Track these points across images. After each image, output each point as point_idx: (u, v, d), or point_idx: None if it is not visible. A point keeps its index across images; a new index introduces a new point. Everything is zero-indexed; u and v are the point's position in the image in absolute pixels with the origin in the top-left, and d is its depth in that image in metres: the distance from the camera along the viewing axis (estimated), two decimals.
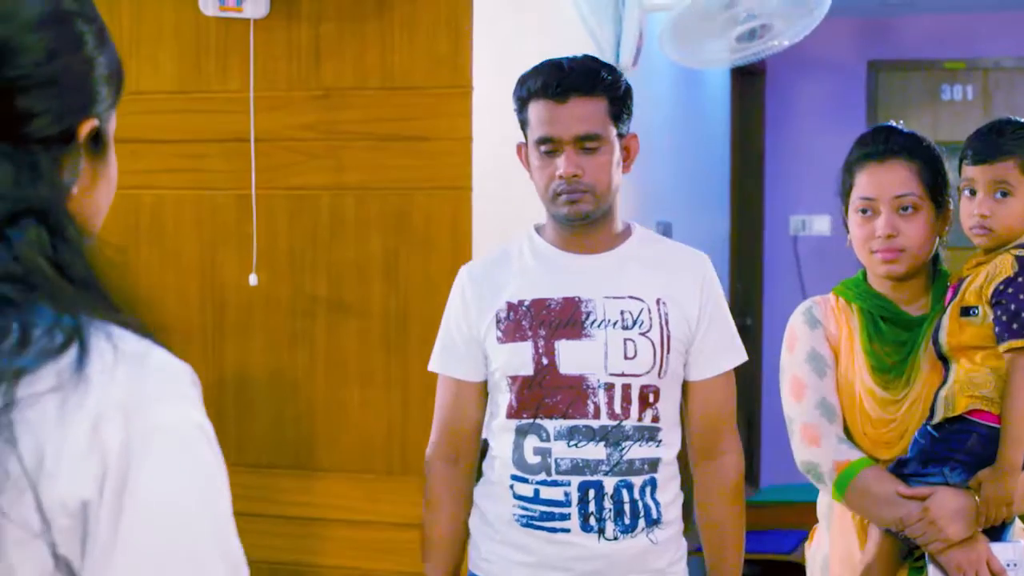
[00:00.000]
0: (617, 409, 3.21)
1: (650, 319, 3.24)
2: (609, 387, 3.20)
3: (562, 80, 3.20)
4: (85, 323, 1.40)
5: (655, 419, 3.24)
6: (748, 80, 9.17)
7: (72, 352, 1.37)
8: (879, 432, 3.28)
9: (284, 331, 4.31)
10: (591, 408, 3.20)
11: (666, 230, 6.53)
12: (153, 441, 1.38)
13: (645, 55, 5.59)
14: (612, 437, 3.20)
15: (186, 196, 4.39)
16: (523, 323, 3.25)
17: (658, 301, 3.25)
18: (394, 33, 4.19)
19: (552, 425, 3.21)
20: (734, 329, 3.39)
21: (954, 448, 3.14)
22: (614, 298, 3.24)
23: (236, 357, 4.36)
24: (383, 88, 4.20)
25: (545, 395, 3.22)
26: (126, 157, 4.31)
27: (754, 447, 8.39)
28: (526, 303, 3.26)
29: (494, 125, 4.20)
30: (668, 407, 3.28)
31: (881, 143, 3.33)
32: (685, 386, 3.34)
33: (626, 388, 3.21)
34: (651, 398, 3.23)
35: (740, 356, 3.39)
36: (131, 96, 4.35)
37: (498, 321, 3.28)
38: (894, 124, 3.42)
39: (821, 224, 9.13)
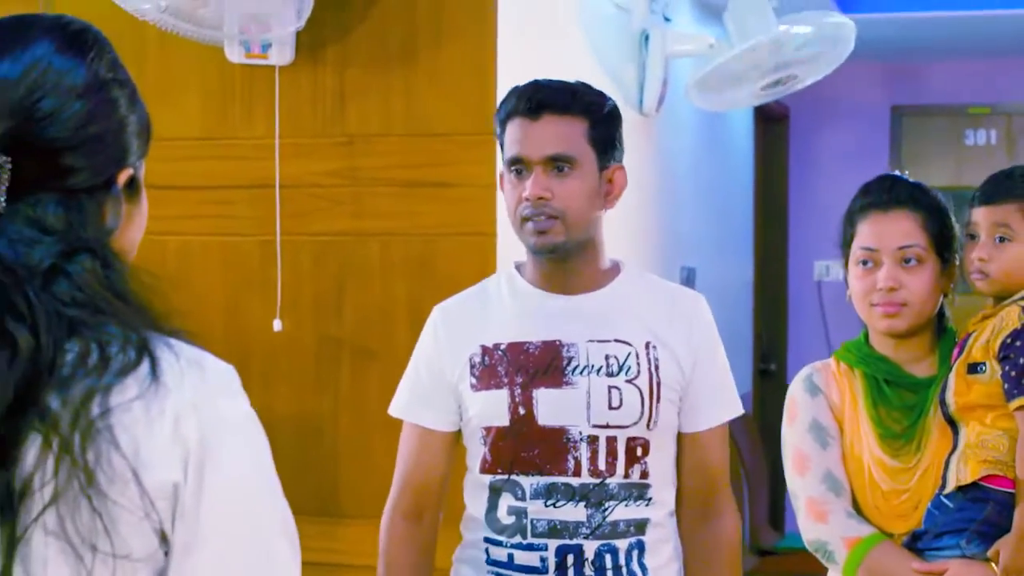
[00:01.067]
0: (600, 465, 2.92)
1: (638, 365, 2.95)
2: (592, 440, 2.92)
3: (535, 96, 2.96)
4: (148, 338, 1.69)
5: (644, 475, 2.96)
6: (772, 125, 9.17)
7: (145, 364, 1.66)
8: (891, 504, 3.09)
9: (308, 377, 4.31)
10: (571, 464, 2.91)
11: (690, 275, 6.53)
12: (222, 430, 1.71)
13: (669, 100, 5.61)
14: (594, 497, 2.91)
15: (211, 242, 4.40)
16: (499, 369, 2.97)
17: (647, 345, 2.97)
18: (419, 80, 4.20)
19: (528, 482, 2.93)
20: (731, 379, 3.14)
21: (970, 518, 2.96)
22: (599, 342, 2.96)
23: (260, 402, 4.31)
24: (408, 135, 4.22)
25: (521, 448, 2.94)
26: (152, 203, 4.31)
27: (778, 493, 8.36)
28: (502, 347, 2.98)
29: None
30: (660, 462, 2.99)
31: (885, 192, 3.18)
32: (678, 439, 3.05)
33: (611, 441, 2.93)
34: (639, 452, 2.95)
35: (736, 408, 3.14)
36: (157, 143, 4.32)
37: (472, 366, 3.01)
38: (899, 173, 3.30)
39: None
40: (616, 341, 2.97)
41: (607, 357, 2.95)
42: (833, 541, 3.08)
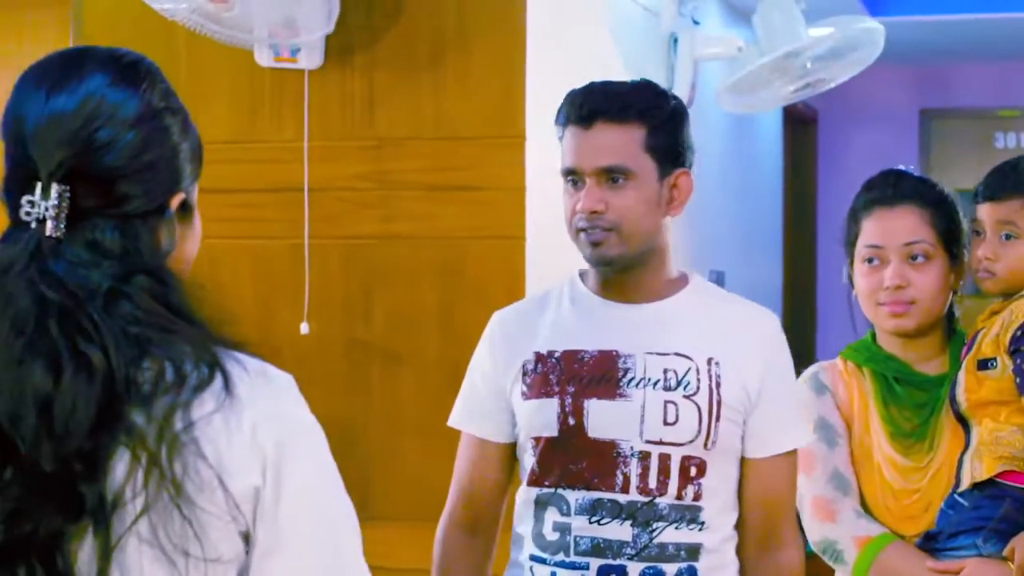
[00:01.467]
0: (651, 482, 2.73)
1: (698, 380, 2.76)
2: (644, 456, 2.74)
3: (586, 102, 2.80)
4: (217, 353, 1.82)
5: (697, 497, 2.75)
6: (800, 129, 9.15)
7: (218, 379, 1.79)
8: (902, 504, 3.00)
9: (339, 380, 4.31)
10: (619, 479, 2.73)
11: (719, 279, 6.52)
12: (294, 436, 1.87)
13: (697, 103, 5.60)
14: (641, 516, 2.73)
15: (240, 245, 4.40)
16: (551, 377, 2.81)
17: (709, 361, 2.78)
18: (447, 83, 4.20)
19: (574, 496, 2.76)
20: (798, 406, 2.96)
21: (986, 516, 2.86)
22: (657, 354, 2.78)
23: None
24: (436, 138, 4.22)
25: (569, 460, 2.77)
26: None
27: None
28: (556, 354, 2.83)
29: (547, 175, 4.19)
30: (717, 485, 2.79)
31: (889, 187, 3.09)
32: (741, 464, 2.84)
33: (664, 459, 2.74)
34: (693, 472, 2.75)
35: (804, 437, 2.94)
36: None
37: (524, 374, 2.86)
38: (904, 168, 3.21)
39: None
40: (676, 355, 2.79)
41: (665, 371, 2.77)
42: (843, 540, 3.00)
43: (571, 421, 2.77)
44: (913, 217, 3.05)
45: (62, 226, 1.77)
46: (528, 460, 2.86)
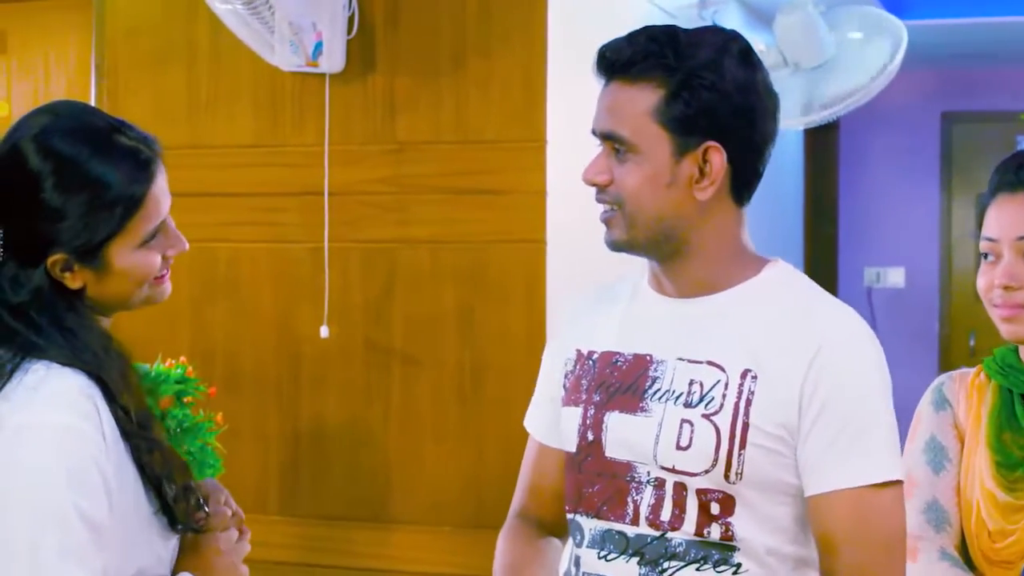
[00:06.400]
0: (663, 515, 2.27)
1: (723, 397, 2.25)
2: (659, 484, 2.28)
3: (609, 52, 2.38)
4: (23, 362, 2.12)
5: (727, 537, 2.25)
6: (821, 132, 9.13)
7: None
8: (994, 548, 2.48)
9: (358, 384, 4.32)
10: (629, 509, 2.31)
11: None
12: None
13: None
14: (649, 553, 2.28)
15: (261, 249, 4.42)
16: (583, 382, 2.41)
17: (744, 374, 2.25)
18: (468, 87, 4.21)
19: (588, 526, 2.36)
20: (881, 430, 2.24)
21: None
22: (688, 362, 2.30)
23: (311, 409, 4.37)
24: (457, 142, 4.22)
25: (584, 482, 2.37)
26: (202, 210, 4.37)
27: None
28: (595, 356, 2.41)
29: (568, 178, 4.20)
30: (756, 525, 2.27)
31: (1012, 172, 2.55)
32: (806, 504, 2.27)
33: (679, 489, 2.27)
34: (715, 508, 2.25)
35: (881, 470, 2.22)
36: (207, 150, 4.40)
37: (566, 375, 2.47)
38: None
39: (896, 276, 9.07)
40: (708, 363, 2.28)
41: (691, 382, 2.29)
42: None
43: (590, 436, 2.36)
44: None
45: None
46: None
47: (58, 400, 2.06)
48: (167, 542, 2.21)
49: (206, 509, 2.30)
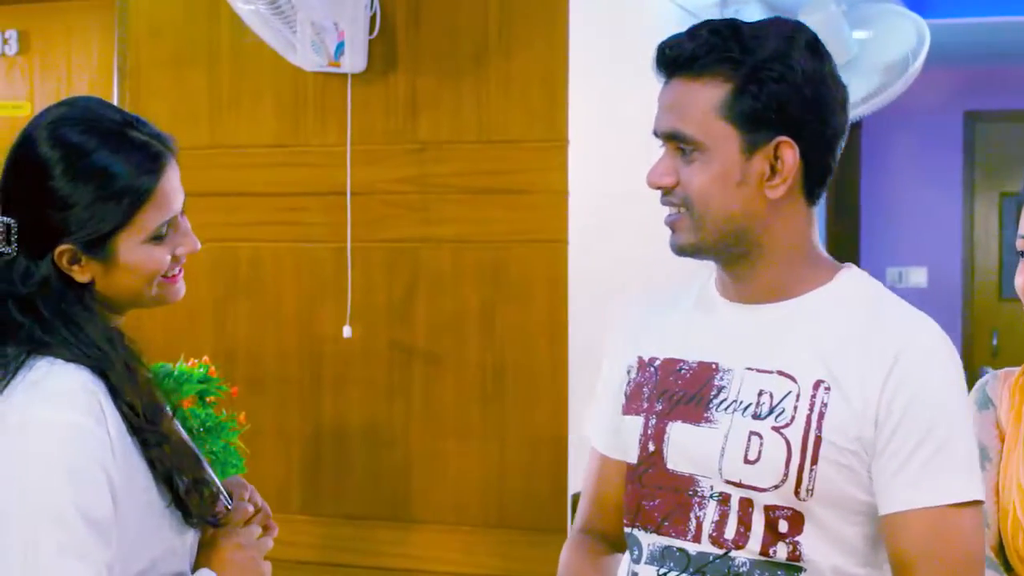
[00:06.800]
0: (727, 532, 2.16)
1: (795, 409, 2.13)
2: (723, 500, 2.17)
3: (665, 47, 2.21)
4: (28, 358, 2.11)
5: (795, 557, 2.13)
6: None
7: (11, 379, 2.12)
8: None
9: (381, 383, 4.32)
10: (692, 525, 2.19)
11: None
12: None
13: None
14: (712, 572, 2.17)
15: (284, 248, 4.42)
16: (644, 390, 2.29)
17: (817, 385, 2.14)
18: (490, 87, 4.21)
19: (646, 541, 2.25)
20: (962, 445, 2.13)
21: None
22: (757, 371, 2.19)
23: (333, 408, 4.37)
24: (479, 142, 4.22)
25: (644, 495, 2.26)
26: (225, 210, 4.38)
27: None
28: (657, 362, 2.29)
29: (590, 178, 4.20)
30: (826, 545, 2.15)
31: None
32: (880, 522, 2.15)
33: (745, 505, 2.15)
34: (784, 527, 2.13)
35: (959, 488, 2.10)
36: (229, 150, 4.40)
37: (626, 383, 2.34)
38: None
39: (918, 276, 9.05)
40: (779, 373, 2.17)
41: (760, 393, 2.17)
42: None
43: (651, 447, 2.25)
44: None
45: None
46: None
47: (60, 397, 2.07)
48: (182, 536, 2.21)
49: (227, 503, 2.31)
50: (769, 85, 2.12)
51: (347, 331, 4.27)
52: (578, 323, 4.12)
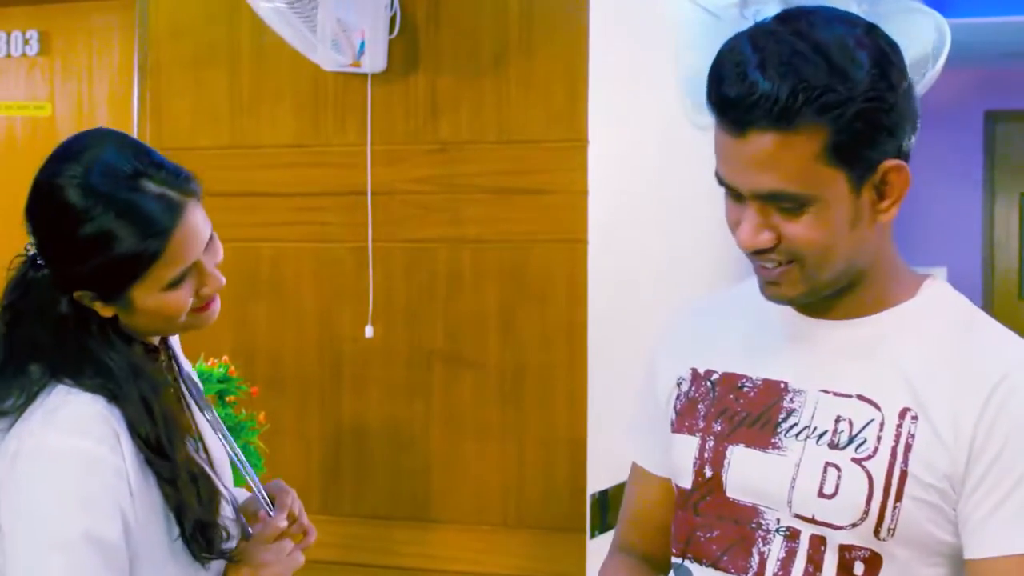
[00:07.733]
0: (794, 572, 1.97)
1: (878, 440, 1.94)
2: (791, 536, 1.98)
3: (737, 99, 1.91)
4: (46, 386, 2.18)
5: None
6: None
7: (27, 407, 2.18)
8: None
9: (401, 384, 4.32)
10: (754, 562, 2.01)
11: None
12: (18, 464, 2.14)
13: None
14: None
15: (304, 249, 4.42)
16: (699, 407, 2.12)
17: (903, 413, 1.94)
18: (511, 87, 4.21)
19: (700, 573, 2.07)
20: None
21: None
22: (834, 395, 1.99)
23: (353, 409, 4.37)
24: (500, 142, 4.22)
25: (699, 525, 2.08)
26: (245, 210, 4.39)
27: None
28: (715, 376, 2.13)
29: (610, 178, 4.20)
30: None
31: None
32: (966, 567, 1.96)
33: (816, 542, 1.96)
34: (858, 568, 1.95)
35: None
36: (250, 150, 4.41)
37: (677, 396, 2.18)
38: None
39: (939, 276, 9.02)
40: (859, 398, 1.98)
41: (838, 419, 1.98)
42: None
43: (708, 472, 2.07)
44: None
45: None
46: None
47: (73, 425, 2.09)
48: (198, 569, 2.22)
49: (268, 510, 2.33)
50: (877, 117, 1.91)
51: (369, 331, 4.27)
52: (597, 323, 4.11)
